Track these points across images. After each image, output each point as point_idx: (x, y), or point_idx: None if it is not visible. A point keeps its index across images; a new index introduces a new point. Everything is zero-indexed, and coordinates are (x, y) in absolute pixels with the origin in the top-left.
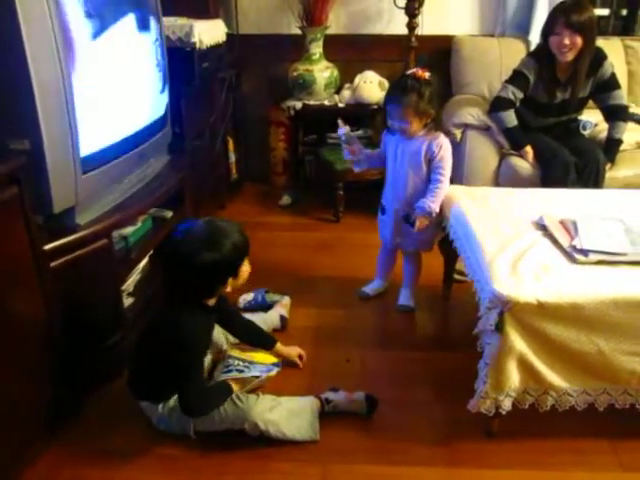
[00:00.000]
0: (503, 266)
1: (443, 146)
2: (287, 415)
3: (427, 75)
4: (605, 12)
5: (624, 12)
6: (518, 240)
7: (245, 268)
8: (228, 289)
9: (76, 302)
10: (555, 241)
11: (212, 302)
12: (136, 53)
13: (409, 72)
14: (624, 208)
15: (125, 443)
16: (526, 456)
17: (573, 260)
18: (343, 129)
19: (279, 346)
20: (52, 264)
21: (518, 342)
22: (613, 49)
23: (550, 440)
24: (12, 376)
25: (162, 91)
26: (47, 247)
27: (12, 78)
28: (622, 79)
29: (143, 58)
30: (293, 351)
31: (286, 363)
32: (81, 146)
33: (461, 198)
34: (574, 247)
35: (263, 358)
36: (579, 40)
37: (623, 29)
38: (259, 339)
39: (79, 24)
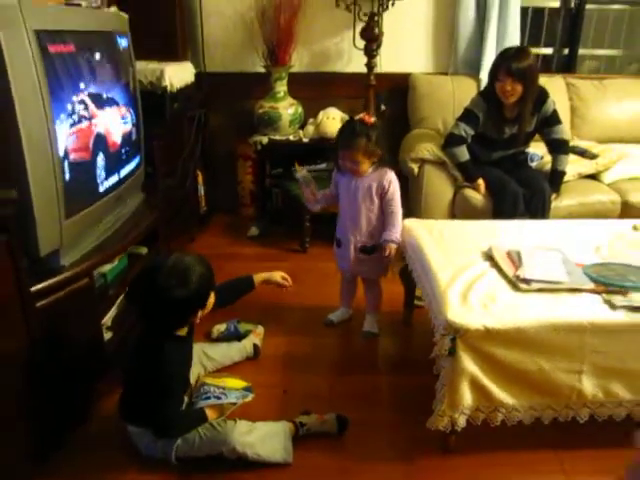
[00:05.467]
0: (455, 296)
1: (392, 181)
2: (263, 438)
3: (373, 120)
4: (549, 51)
5: (566, 51)
6: (469, 270)
7: (211, 300)
8: (197, 320)
9: (59, 338)
10: (501, 271)
11: (184, 332)
12: (115, 106)
13: (357, 118)
14: (564, 238)
15: (105, 472)
16: (480, 469)
17: (517, 288)
18: (300, 173)
19: (258, 276)
20: (38, 304)
21: (470, 365)
22: (556, 86)
23: (501, 453)
24: None
25: (138, 136)
26: (34, 289)
27: (0, 130)
28: (565, 114)
29: (121, 110)
30: (276, 275)
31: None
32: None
33: (418, 231)
34: (518, 277)
35: (235, 383)
36: (519, 87)
37: (565, 67)
38: (239, 291)
39: (64, 80)
